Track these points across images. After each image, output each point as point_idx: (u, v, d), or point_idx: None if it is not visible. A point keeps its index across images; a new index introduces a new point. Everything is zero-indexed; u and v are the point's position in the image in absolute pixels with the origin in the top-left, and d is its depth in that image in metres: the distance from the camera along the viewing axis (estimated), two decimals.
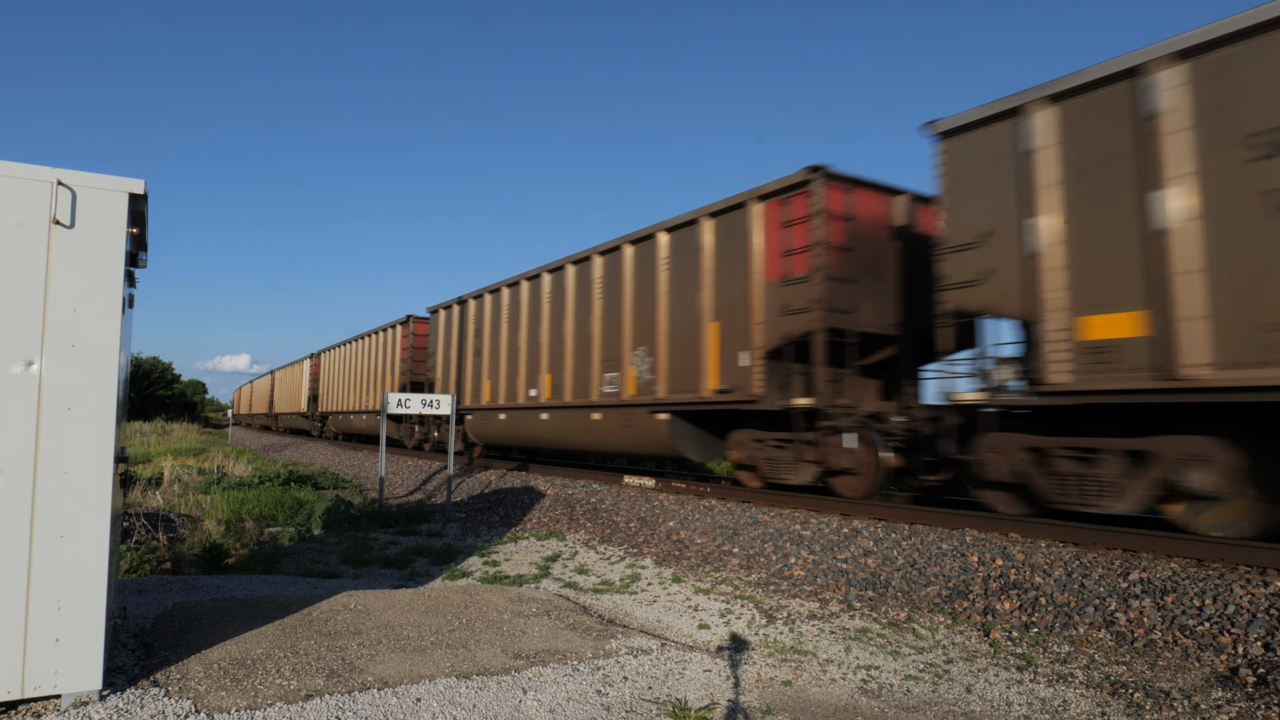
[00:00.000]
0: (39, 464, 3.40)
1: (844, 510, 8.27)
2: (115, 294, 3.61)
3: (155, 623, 4.84)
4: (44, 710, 3.42)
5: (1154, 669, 4.47)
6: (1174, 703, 3.99)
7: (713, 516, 8.72)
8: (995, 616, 5.49)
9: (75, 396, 3.49)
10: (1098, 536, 6.19)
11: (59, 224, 3.51)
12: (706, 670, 4.40)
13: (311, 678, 3.91)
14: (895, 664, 4.73)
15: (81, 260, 3.55)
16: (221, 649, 4.29)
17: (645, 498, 10.14)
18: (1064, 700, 4.10)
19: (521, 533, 9.89)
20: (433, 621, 5.08)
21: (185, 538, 7.93)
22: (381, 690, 3.79)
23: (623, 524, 9.35)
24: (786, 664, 4.70)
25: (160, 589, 5.96)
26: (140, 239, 4.20)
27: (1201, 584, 5.03)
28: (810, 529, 7.64)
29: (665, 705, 3.78)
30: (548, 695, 3.84)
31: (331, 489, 15.16)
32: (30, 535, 3.36)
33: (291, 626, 4.81)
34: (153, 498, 10.94)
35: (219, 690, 3.68)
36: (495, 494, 12.45)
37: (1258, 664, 4.25)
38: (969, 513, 7.30)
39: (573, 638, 4.87)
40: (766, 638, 5.29)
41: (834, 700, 4.06)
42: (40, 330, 3.45)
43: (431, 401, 12.37)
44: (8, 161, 3.46)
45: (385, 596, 5.74)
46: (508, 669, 4.20)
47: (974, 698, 4.15)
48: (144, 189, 3.70)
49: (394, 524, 10.37)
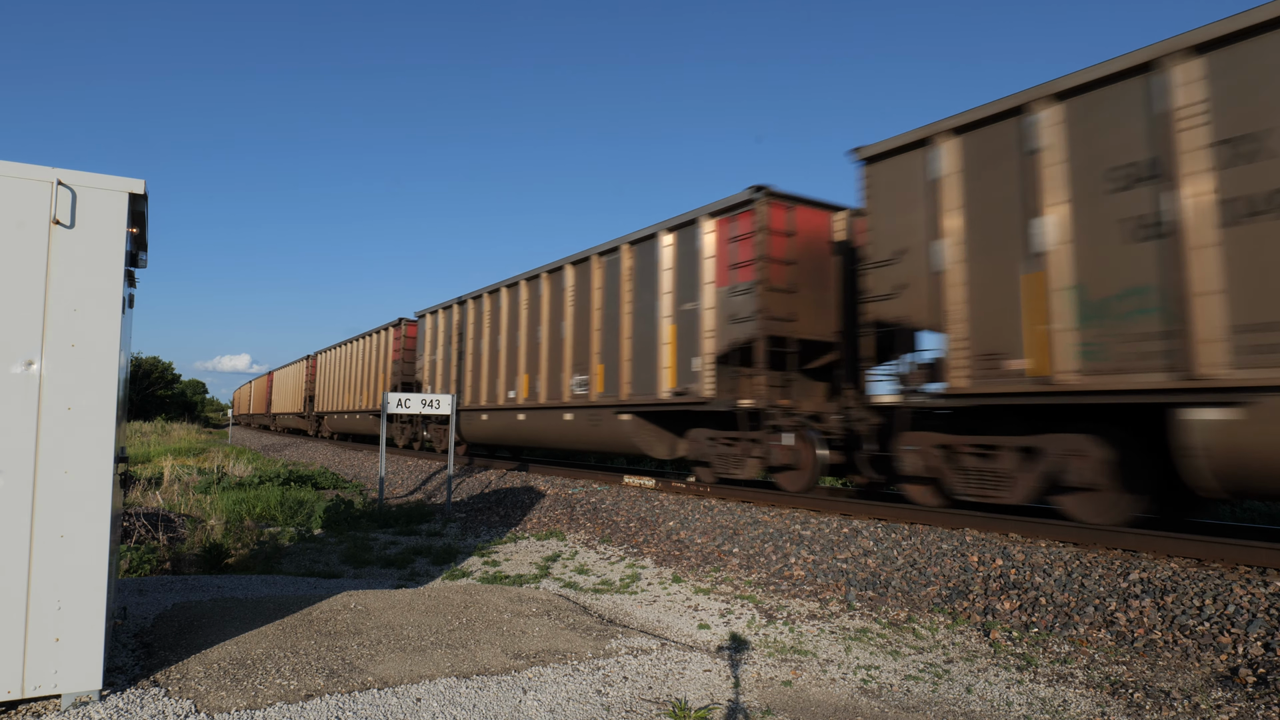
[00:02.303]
0: (39, 464, 3.40)
1: (844, 510, 8.28)
2: (115, 294, 3.61)
3: (155, 623, 4.84)
4: (44, 710, 3.42)
5: (1154, 669, 4.47)
6: (1174, 703, 3.99)
7: (713, 516, 8.73)
8: (995, 616, 5.49)
9: (75, 396, 3.49)
10: (1097, 536, 6.20)
11: (59, 224, 3.51)
12: (706, 670, 4.40)
13: (311, 678, 3.91)
14: (895, 664, 4.73)
15: (81, 260, 3.55)
16: (221, 649, 4.29)
17: (645, 498, 10.14)
18: (1064, 700, 4.10)
19: (521, 533, 9.89)
20: (433, 621, 5.08)
21: (185, 538, 7.93)
22: (381, 690, 3.79)
23: (623, 524, 9.35)
24: (786, 664, 4.70)
25: (160, 589, 5.96)
26: (140, 239, 4.20)
27: (1201, 584, 5.03)
28: (810, 529, 7.64)
29: (665, 705, 3.78)
30: (548, 695, 3.84)
31: (331, 489, 15.16)
32: (30, 535, 3.36)
33: (291, 626, 4.81)
34: (153, 498, 10.94)
35: (219, 690, 3.68)
36: (495, 494, 12.45)
37: (1258, 664, 4.25)
38: (969, 513, 7.31)
39: (573, 638, 4.88)
40: (766, 638, 5.29)
41: (834, 700, 4.06)
42: (40, 330, 3.45)
43: (432, 401, 12.37)
44: (8, 161, 3.46)
45: (385, 596, 5.74)
46: (508, 669, 4.20)
47: (974, 698, 4.15)
48: (144, 189, 3.70)
49: (394, 524, 10.38)
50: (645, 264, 11.25)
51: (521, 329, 14.81)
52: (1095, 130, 6.36)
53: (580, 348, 12.67)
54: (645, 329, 11.09)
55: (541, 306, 14.05)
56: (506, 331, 15.45)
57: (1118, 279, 6.14)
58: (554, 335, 13.64)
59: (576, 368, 12.79)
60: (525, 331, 14.66)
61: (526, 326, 14.64)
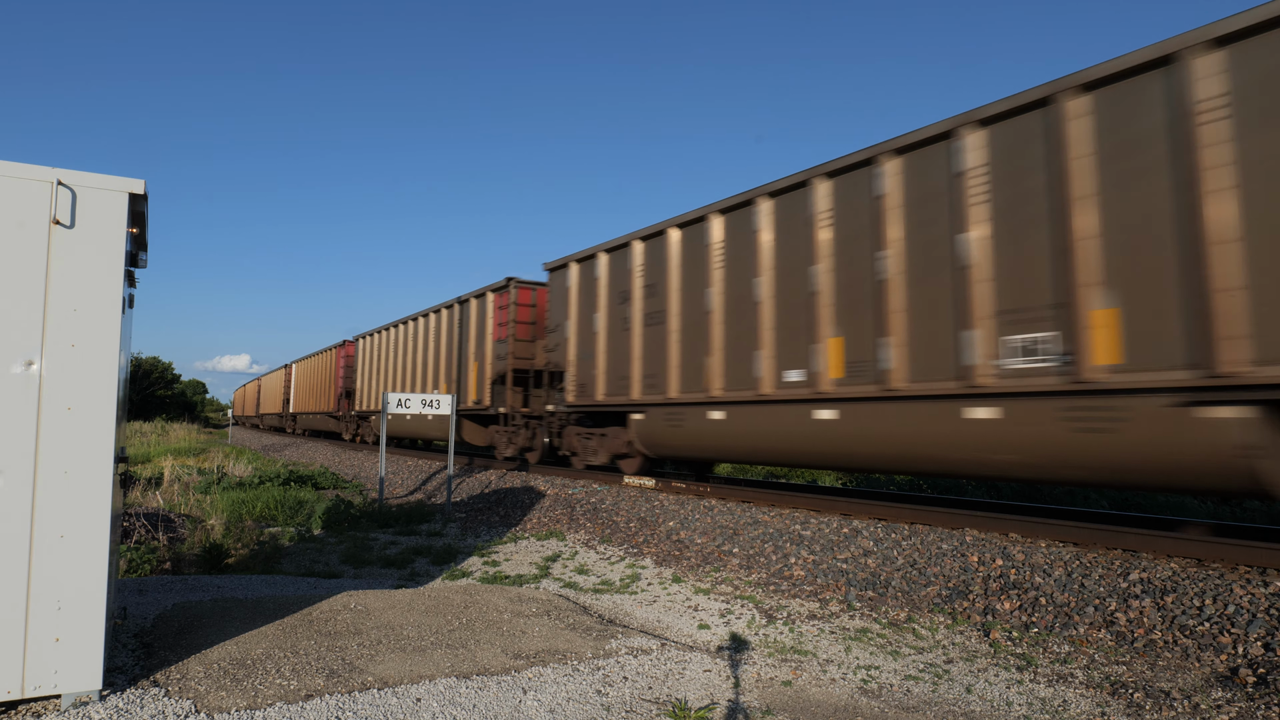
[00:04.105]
0: (39, 464, 3.40)
1: (844, 510, 8.28)
2: (115, 294, 3.61)
3: (155, 623, 4.84)
4: (44, 710, 3.42)
5: (1154, 669, 4.47)
6: (1174, 703, 3.99)
7: (713, 516, 8.73)
8: (995, 616, 5.49)
9: (75, 396, 3.49)
10: (1098, 536, 6.20)
11: (59, 224, 3.51)
12: (706, 670, 4.40)
13: (311, 678, 3.91)
14: (895, 664, 4.73)
15: (81, 260, 3.55)
16: (221, 649, 4.29)
17: (645, 498, 10.15)
18: (1064, 700, 4.10)
19: (521, 533, 9.89)
20: (433, 621, 5.08)
21: (185, 538, 7.93)
22: (381, 690, 3.79)
23: (623, 524, 9.35)
24: (786, 664, 4.70)
25: (160, 589, 5.96)
26: (140, 239, 4.20)
27: (1201, 584, 5.03)
28: (810, 529, 7.64)
29: (665, 705, 3.78)
30: (548, 695, 3.84)
31: (331, 489, 15.16)
32: (30, 535, 3.36)
33: (291, 626, 4.81)
34: (153, 498, 10.94)
35: (219, 690, 3.68)
36: (495, 494, 12.45)
37: (1258, 664, 4.25)
38: (969, 513, 7.32)
39: (573, 638, 4.88)
40: (766, 638, 5.29)
41: (834, 700, 4.06)
42: (40, 330, 3.45)
43: (431, 401, 12.39)
44: (8, 161, 3.46)
45: (385, 596, 5.74)
46: (508, 669, 4.20)
47: (974, 698, 4.15)
48: (144, 189, 3.70)
49: (394, 524, 10.37)
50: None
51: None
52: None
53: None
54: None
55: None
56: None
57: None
58: None
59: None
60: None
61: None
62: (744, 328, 9.31)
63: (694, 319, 10.14)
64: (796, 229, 8.69)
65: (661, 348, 10.66)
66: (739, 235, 9.48)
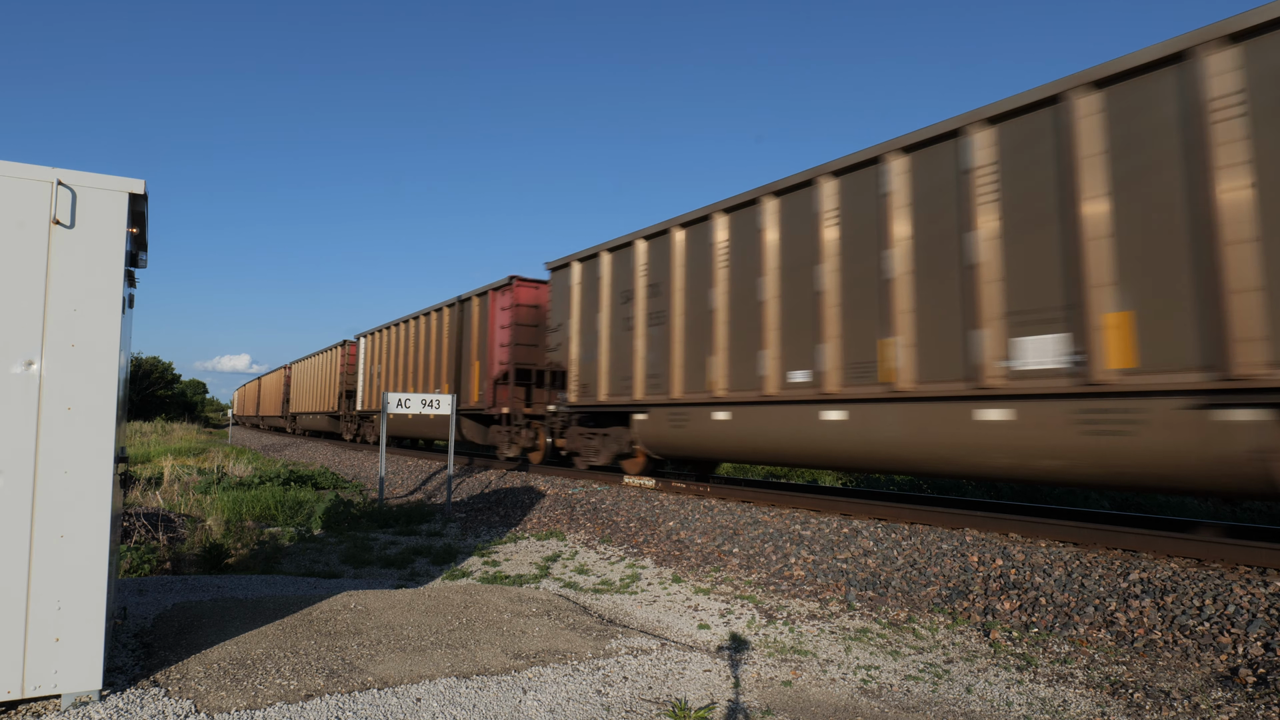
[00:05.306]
0: (39, 464, 3.40)
1: (844, 510, 8.28)
2: (115, 294, 3.61)
3: (155, 623, 4.84)
4: (44, 710, 3.42)
5: (1154, 669, 4.47)
6: (1174, 703, 3.99)
7: (713, 516, 8.73)
8: (995, 616, 5.49)
9: (75, 396, 3.49)
10: (1098, 536, 6.20)
11: (59, 224, 3.51)
12: (706, 670, 4.40)
13: (311, 678, 3.91)
14: (895, 664, 4.73)
15: (81, 260, 3.55)
16: (221, 649, 4.29)
17: (645, 498, 10.15)
18: (1064, 700, 4.10)
19: (521, 533, 9.89)
20: (433, 621, 5.08)
21: (185, 538, 7.93)
22: (381, 690, 3.79)
23: (623, 524, 9.35)
24: (786, 664, 4.70)
25: (160, 589, 5.96)
26: (140, 239, 4.20)
27: (1201, 584, 5.03)
28: (810, 529, 7.64)
29: (665, 705, 3.78)
30: (548, 695, 3.84)
31: (331, 489, 15.15)
32: (30, 535, 3.36)
33: (291, 626, 4.81)
34: (153, 498, 10.94)
35: (219, 690, 3.68)
36: (495, 494, 12.45)
37: (1258, 664, 4.25)
38: (969, 513, 7.31)
39: (573, 638, 4.88)
40: (766, 638, 5.29)
41: (834, 700, 4.06)
42: (40, 330, 3.45)
43: (432, 401, 12.39)
44: (8, 161, 3.46)
45: (385, 596, 5.74)
46: (508, 669, 4.20)
47: (974, 698, 4.15)
48: (144, 189, 3.70)
49: (394, 524, 10.37)
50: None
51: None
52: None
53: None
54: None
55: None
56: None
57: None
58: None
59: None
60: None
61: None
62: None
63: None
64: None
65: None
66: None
